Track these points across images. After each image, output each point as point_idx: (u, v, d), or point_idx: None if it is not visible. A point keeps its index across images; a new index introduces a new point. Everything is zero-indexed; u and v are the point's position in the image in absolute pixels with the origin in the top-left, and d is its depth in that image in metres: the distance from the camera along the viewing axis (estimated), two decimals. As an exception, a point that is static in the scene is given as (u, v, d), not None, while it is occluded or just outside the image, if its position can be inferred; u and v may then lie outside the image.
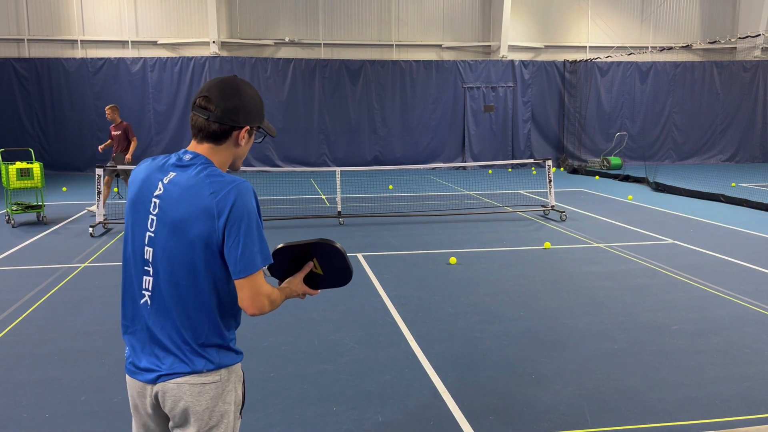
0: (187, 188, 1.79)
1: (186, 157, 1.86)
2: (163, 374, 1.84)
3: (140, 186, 1.88)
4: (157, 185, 1.84)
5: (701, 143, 21.00)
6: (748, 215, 10.46)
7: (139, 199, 1.87)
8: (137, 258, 1.87)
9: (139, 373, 1.89)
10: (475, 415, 3.63)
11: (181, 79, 18.10)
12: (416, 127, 19.39)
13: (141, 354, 1.88)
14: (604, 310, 5.55)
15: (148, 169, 1.90)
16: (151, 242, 1.83)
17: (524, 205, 11.57)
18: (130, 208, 1.89)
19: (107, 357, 4.51)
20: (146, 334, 1.87)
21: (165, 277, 1.82)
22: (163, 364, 1.84)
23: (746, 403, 3.77)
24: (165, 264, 1.81)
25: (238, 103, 1.84)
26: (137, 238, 1.87)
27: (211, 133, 1.85)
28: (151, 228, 1.83)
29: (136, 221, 1.87)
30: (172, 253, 1.80)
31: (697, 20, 20.99)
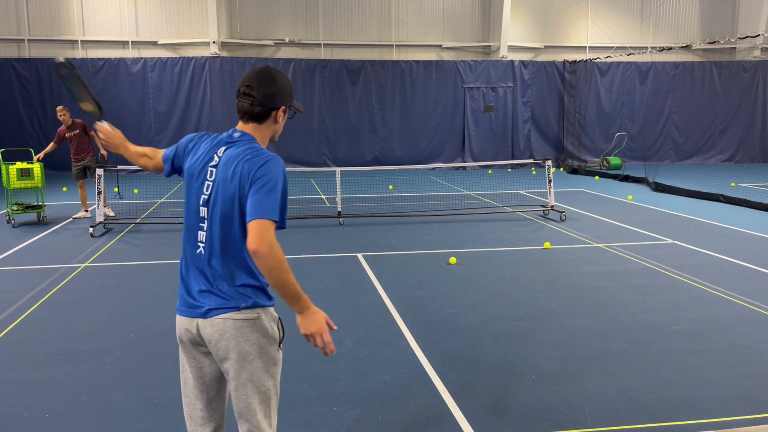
0: (233, 157, 2.20)
1: (235, 135, 2.28)
2: (213, 308, 2.20)
3: (202, 158, 2.28)
4: (213, 157, 2.26)
5: (701, 143, 21.00)
6: (748, 215, 10.46)
7: (197, 168, 2.28)
8: (195, 216, 2.27)
9: (189, 311, 2.25)
10: (475, 415, 3.63)
11: (181, 80, 18.10)
12: (416, 127, 19.39)
13: (195, 294, 2.24)
14: (604, 310, 5.55)
15: (207, 146, 2.30)
16: (205, 203, 2.24)
17: (524, 205, 11.57)
18: (190, 176, 2.30)
19: (107, 357, 4.51)
20: (201, 278, 2.24)
21: (216, 230, 2.20)
22: (213, 300, 2.21)
23: (746, 403, 3.77)
24: (216, 219, 2.20)
25: (274, 88, 2.24)
26: (195, 200, 2.26)
27: (254, 115, 2.26)
28: (206, 191, 2.23)
29: (195, 186, 2.27)
30: (220, 210, 2.19)
31: (696, 20, 21.00)
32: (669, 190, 13.51)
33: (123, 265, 7.27)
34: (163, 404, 3.79)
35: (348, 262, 7.34)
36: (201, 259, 2.24)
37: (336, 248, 8.10)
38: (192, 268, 2.27)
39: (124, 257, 7.64)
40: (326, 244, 8.34)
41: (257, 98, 2.22)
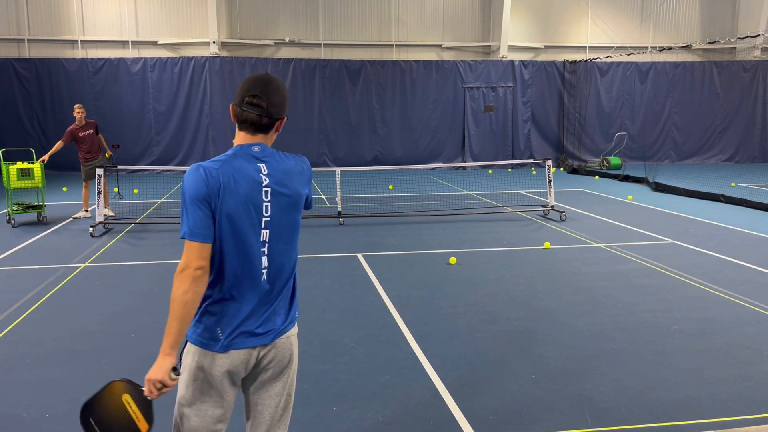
0: (287, 171, 2.18)
1: (256, 149, 2.15)
2: (279, 330, 2.20)
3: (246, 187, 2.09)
4: (259, 179, 2.11)
5: (701, 143, 21.00)
6: (748, 215, 10.46)
7: (250, 197, 2.09)
8: (255, 243, 2.11)
9: (252, 340, 2.15)
10: (475, 415, 3.63)
11: (181, 80, 18.10)
12: (416, 127, 19.39)
13: (260, 322, 2.15)
14: (604, 310, 5.55)
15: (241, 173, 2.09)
16: (268, 225, 2.13)
17: (524, 205, 11.57)
18: (243, 205, 2.08)
19: (107, 357, 4.51)
20: (264, 305, 2.16)
21: (280, 249, 2.16)
22: (279, 322, 2.20)
23: (746, 403, 3.77)
24: (281, 237, 2.16)
25: (281, 99, 2.18)
26: (253, 227, 2.10)
27: (262, 126, 2.16)
28: (267, 213, 2.12)
29: (250, 214, 2.09)
30: (286, 224, 2.17)
31: (696, 20, 21.00)
32: (669, 190, 13.51)
33: (123, 265, 7.27)
34: (163, 404, 3.78)
35: (348, 262, 7.34)
36: (263, 285, 2.14)
37: (336, 248, 8.10)
38: (249, 297, 2.13)
39: (124, 257, 7.64)
40: (326, 244, 8.34)
41: (266, 109, 2.13)
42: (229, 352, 2.13)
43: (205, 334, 2.12)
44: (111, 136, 17.64)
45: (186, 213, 2.03)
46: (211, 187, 2.03)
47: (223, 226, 2.06)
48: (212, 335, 2.11)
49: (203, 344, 2.12)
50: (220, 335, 2.11)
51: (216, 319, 2.12)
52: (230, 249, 2.09)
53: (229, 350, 2.13)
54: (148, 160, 17.97)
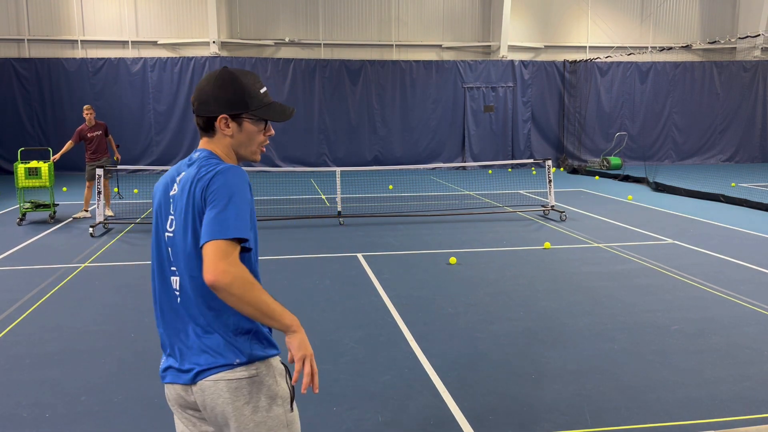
0: (187, 181, 1.82)
1: (195, 155, 1.90)
2: (202, 369, 1.80)
3: (162, 190, 1.92)
4: (173, 186, 1.88)
5: (701, 143, 21.00)
6: (748, 215, 10.46)
7: (161, 203, 1.90)
8: (165, 259, 1.87)
9: (175, 376, 1.87)
10: (475, 415, 3.63)
11: (181, 80, 18.10)
12: (416, 127, 19.39)
13: (178, 355, 1.86)
14: (604, 310, 5.55)
15: (169, 174, 1.93)
16: (170, 241, 1.85)
17: (524, 205, 11.57)
18: (155, 214, 1.92)
19: (107, 357, 4.51)
20: (183, 334, 1.85)
21: (185, 271, 1.81)
22: (199, 361, 1.80)
23: (746, 403, 3.77)
24: (182, 258, 1.81)
25: (209, 93, 1.85)
26: (162, 240, 1.88)
27: (200, 127, 1.91)
28: (170, 228, 1.85)
29: (160, 225, 1.89)
30: (187, 246, 1.79)
31: (696, 20, 21.00)
32: (669, 190, 13.51)
33: (123, 265, 7.27)
34: (163, 404, 3.79)
35: (348, 262, 7.34)
36: (179, 311, 1.84)
37: (336, 248, 8.10)
38: (170, 323, 1.87)
39: (124, 257, 7.65)
40: (326, 244, 8.34)
41: (195, 107, 1.88)
42: (167, 387, 1.92)
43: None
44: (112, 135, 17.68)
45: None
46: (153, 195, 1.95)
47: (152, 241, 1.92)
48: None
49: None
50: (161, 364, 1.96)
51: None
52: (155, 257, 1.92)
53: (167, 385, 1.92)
54: (148, 160, 17.97)
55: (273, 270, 7.02)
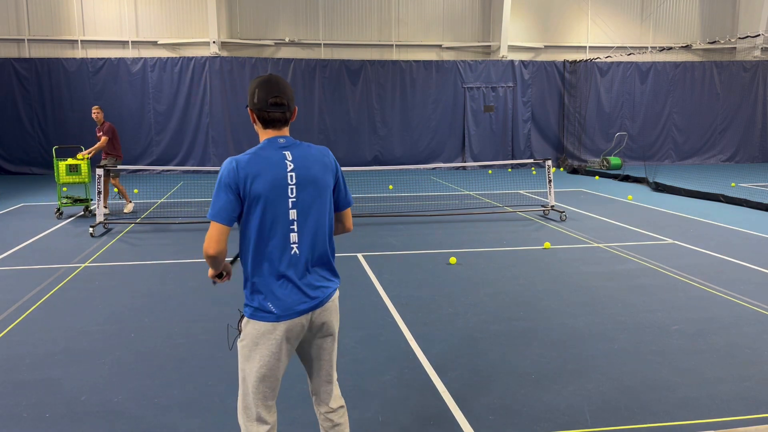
0: (309, 156, 2.46)
1: (282, 141, 2.45)
2: (325, 296, 2.49)
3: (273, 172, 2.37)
4: (284, 163, 2.40)
5: (701, 143, 21.00)
6: (748, 215, 10.46)
7: (275, 182, 2.37)
8: (284, 223, 2.39)
9: (302, 306, 2.42)
10: (475, 415, 3.63)
11: (181, 80, 18.10)
12: (416, 127, 19.39)
13: (304, 291, 2.43)
14: (604, 310, 5.55)
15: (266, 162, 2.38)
16: (293, 205, 2.40)
17: (524, 205, 11.57)
18: (271, 191, 2.36)
19: (107, 357, 4.51)
20: (304, 276, 2.44)
21: (308, 226, 2.43)
22: (322, 290, 2.48)
23: (746, 403, 3.77)
24: (306, 216, 2.42)
25: (292, 93, 2.49)
26: (281, 207, 2.38)
27: (286, 120, 2.48)
28: (292, 194, 2.39)
29: (277, 197, 2.37)
30: (312, 204, 2.43)
31: (696, 20, 21.00)
32: (669, 190, 13.51)
33: (123, 265, 7.27)
34: (163, 404, 3.79)
35: (348, 262, 7.34)
36: (297, 259, 2.42)
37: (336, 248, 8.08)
38: (288, 271, 2.41)
39: (124, 257, 7.65)
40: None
41: (287, 105, 2.44)
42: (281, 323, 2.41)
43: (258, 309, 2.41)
44: (111, 136, 17.68)
45: (215, 197, 2.37)
46: (239, 175, 2.33)
47: (253, 208, 2.36)
48: (264, 309, 2.40)
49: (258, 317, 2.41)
50: (271, 309, 2.40)
51: (264, 296, 2.40)
52: (266, 227, 2.38)
53: (280, 321, 2.41)
54: (148, 160, 17.98)
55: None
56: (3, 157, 17.73)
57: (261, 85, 2.40)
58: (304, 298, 2.43)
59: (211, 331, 5.05)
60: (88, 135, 17.82)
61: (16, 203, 12.16)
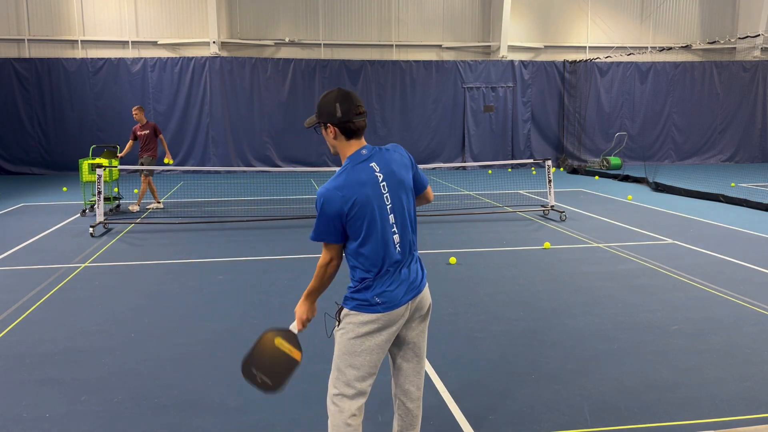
0: (393, 161, 2.65)
1: (364, 152, 2.61)
2: (423, 282, 2.75)
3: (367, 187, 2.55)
4: (374, 176, 2.57)
5: (701, 143, 21.01)
6: (748, 215, 10.46)
7: (370, 195, 2.54)
8: (387, 228, 2.59)
9: (409, 296, 2.65)
10: (475, 415, 3.63)
11: (181, 80, 18.11)
12: (416, 127, 19.39)
13: (411, 283, 2.66)
14: (604, 310, 5.55)
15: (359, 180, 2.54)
16: (392, 210, 2.61)
17: (524, 205, 11.57)
18: (372, 206, 2.54)
19: (107, 357, 4.51)
20: (407, 271, 2.66)
21: (403, 226, 2.64)
22: (420, 281, 2.73)
23: (746, 403, 3.77)
24: (402, 215, 2.63)
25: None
26: (379, 215, 2.56)
27: (362, 128, 2.63)
28: (388, 202, 2.59)
29: (375, 207, 2.55)
30: (403, 205, 2.64)
31: (696, 20, 21.00)
32: (669, 190, 13.51)
33: (123, 265, 7.27)
34: (163, 404, 3.80)
35: (348, 262, 7.32)
36: (401, 258, 2.64)
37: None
38: (395, 271, 2.63)
39: (124, 257, 7.65)
40: (326, 244, 8.33)
41: (365, 114, 2.62)
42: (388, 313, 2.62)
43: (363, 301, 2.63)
44: (111, 136, 17.69)
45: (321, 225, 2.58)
46: (344, 203, 2.51)
47: (360, 226, 2.55)
48: (370, 303, 2.61)
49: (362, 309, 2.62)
50: (377, 301, 2.60)
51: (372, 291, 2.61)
52: (372, 236, 2.56)
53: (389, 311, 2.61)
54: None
55: (274, 270, 7.02)
56: (3, 157, 17.73)
57: (342, 99, 2.55)
58: (408, 289, 2.65)
59: (211, 331, 5.05)
60: (88, 135, 17.85)
61: (16, 203, 12.16)
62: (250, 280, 6.57)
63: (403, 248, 2.65)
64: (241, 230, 9.45)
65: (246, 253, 7.90)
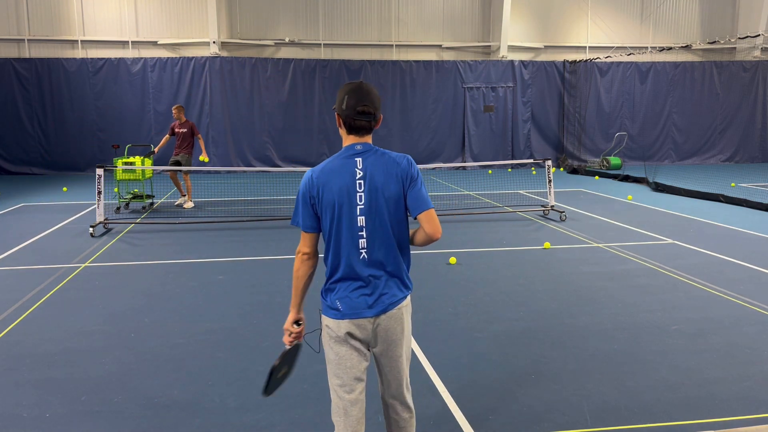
0: (379, 164, 2.48)
1: (358, 148, 2.49)
2: (390, 303, 2.50)
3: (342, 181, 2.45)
4: (353, 171, 2.46)
5: (701, 143, 21.01)
6: (748, 215, 10.46)
7: (344, 190, 2.44)
8: (353, 228, 2.46)
9: (366, 311, 2.47)
10: (475, 415, 3.63)
11: (181, 80, 18.10)
12: (416, 127, 19.39)
13: (369, 296, 2.48)
14: (604, 310, 5.55)
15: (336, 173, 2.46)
16: (362, 212, 2.46)
17: (524, 205, 11.57)
18: (337, 201, 2.44)
19: (107, 357, 4.51)
20: (370, 281, 2.48)
21: (374, 232, 2.46)
22: (387, 297, 2.49)
23: (746, 403, 3.77)
24: (374, 222, 2.46)
25: (379, 102, 2.53)
26: (349, 215, 2.45)
27: (370, 129, 2.52)
28: (361, 202, 2.45)
29: (345, 204, 2.44)
30: (378, 211, 2.45)
31: (696, 20, 21.00)
32: (669, 190, 13.51)
33: (123, 265, 7.27)
34: (163, 404, 3.80)
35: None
36: (364, 264, 2.48)
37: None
38: (356, 275, 2.48)
39: (124, 257, 7.65)
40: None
41: (373, 115, 2.49)
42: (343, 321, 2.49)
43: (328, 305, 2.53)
44: (111, 136, 17.69)
45: (297, 207, 2.52)
46: (313, 187, 2.47)
47: (326, 215, 2.47)
48: (332, 307, 2.50)
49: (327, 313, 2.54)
50: (338, 306, 2.49)
51: (335, 294, 2.50)
52: (336, 233, 2.47)
53: (344, 320, 2.49)
54: (148, 160, 17.96)
55: (274, 270, 7.02)
56: (3, 157, 17.73)
57: (351, 93, 2.46)
58: (373, 303, 2.49)
59: (211, 331, 5.05)
60: (88, 135, 17.86)
61: (16, 203, 12.16)
62: (250, 280, 6.57)
63: (371, 257, 2.47)
64: (241, 230, 9.45)
65: (246, 253, 7.90)
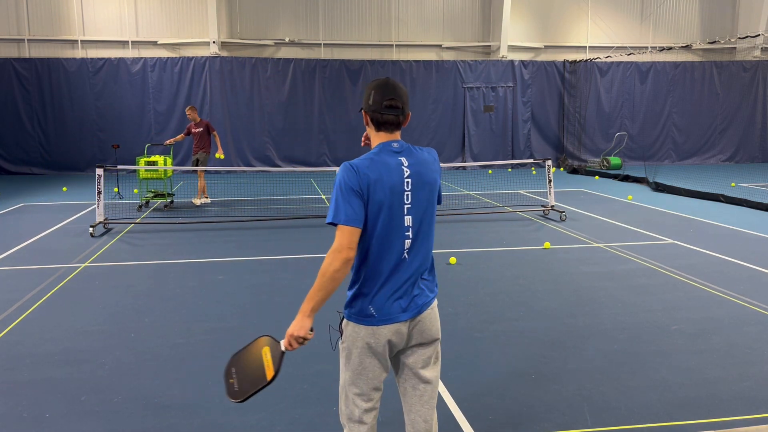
0: (424, 162, 2.43)
1: (396, 146, 2.41)
2: (425, 303, 2.45)
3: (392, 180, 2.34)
4: (401, 170, 2.37)
5: (701, 143, 21.01)
6: (748, 215, 10.46)
7: (395, 189, 2.34)
8: (400, 229, 2.37)
9: (403, 314, 2.40)
10: (475, 415, 3.63)
11: (181, 79, 18.10)
12: (416, 127, 19.39)
13: (409, 298, 2.42)
14: (604, 310, 5.55)
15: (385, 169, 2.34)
16: (410, 211, 2.38)
17: (524, 205, 11.57)
18: (390, 197, 2.33)
19: (107, 357, 4.51)
20: (410, 283, 2.41)
21: (419, 233, 2.40)
22: (424, 297, 2.45)
23: (746, 403, 3.77)
24: (420, 223, 2.40)
25: (407, 97, 2.46)
26: (397, 215, 2.36)
27: (399, 124, 2.45)
28: (407, 201, 2.37)
29: (395, 204, 2.34)
30: (424, 210, 2.41)
31: (696, 20, 21.00)
32: (669, 190, 13.51)
33: (123, 265, 7.27)
34: (163, 404, 3.80)
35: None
36: (406, 266, 2.40)
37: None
38: (395, 278, 2.39)
39: (124, 257, 7.65)
40: (326, 245, 8.33)
41: (402, 109, 2.41)
42: (380, 327, 2.40)
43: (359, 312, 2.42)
44: (111, 136, 17.70)
45: (339, 202, 2.29)
46: (362, 180, 2.30)
47: (373, 215, 2.33)
48: (365, 314, 2.40)
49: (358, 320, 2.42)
50: (371, 311, 2.39)
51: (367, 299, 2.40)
52: (381, 234, 2.35)
53: (380, 325, 2.40)
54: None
55: (274, 270, 7.02)
56: (3, 157, 17.73)
57: (377, 88, 2.41)
58: (408, 306, 2.42)
59: (211, 331, 5.05)
60: (88, 135, 17.86)
61: (16, 203, 12.16)
62: (250, 280, 6.57)
63: (412, 257, 2.40)
64: (241, 230, 9.45)
65: (246, 253, 7.90)
